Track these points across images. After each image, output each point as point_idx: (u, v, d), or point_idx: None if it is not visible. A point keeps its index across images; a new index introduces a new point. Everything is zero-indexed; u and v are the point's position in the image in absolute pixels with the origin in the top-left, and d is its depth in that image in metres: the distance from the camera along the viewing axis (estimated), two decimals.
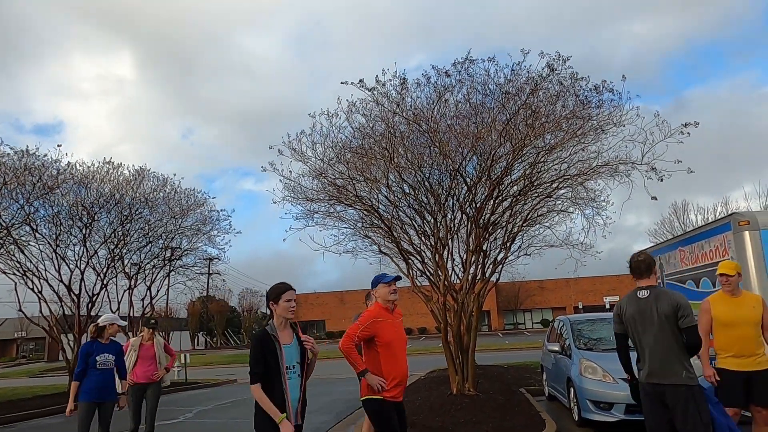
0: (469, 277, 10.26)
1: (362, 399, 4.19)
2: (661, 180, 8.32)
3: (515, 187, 10.13)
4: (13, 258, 14.55)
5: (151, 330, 6.94)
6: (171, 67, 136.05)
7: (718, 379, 4.68)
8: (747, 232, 8.23)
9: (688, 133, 8.16)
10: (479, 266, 10.17)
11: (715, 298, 4.97)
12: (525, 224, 11.11)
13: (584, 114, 8.80)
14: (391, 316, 4.18)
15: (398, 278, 4.26)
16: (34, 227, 14.52)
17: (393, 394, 4.04)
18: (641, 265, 4.03)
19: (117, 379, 5.92)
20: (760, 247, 8.14)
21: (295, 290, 3.43)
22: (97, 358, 5.55)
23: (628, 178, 8.97)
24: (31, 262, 14.98)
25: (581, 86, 8.42)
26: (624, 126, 8.44)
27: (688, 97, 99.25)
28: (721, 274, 4.81)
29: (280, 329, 3.34)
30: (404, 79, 8.60)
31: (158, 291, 18.43)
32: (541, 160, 9.21)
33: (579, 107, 8.85)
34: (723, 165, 64.84)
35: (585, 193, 10.72)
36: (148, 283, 17.72)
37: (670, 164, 8.41)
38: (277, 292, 3.37)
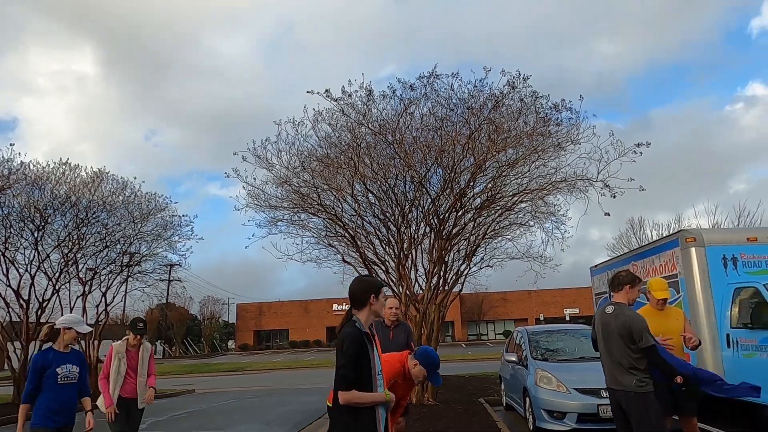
0: (432, 288, 10.39)
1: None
2: (614, 197, 8.69)
3: (478, 200, 10.36)
4: None
5: (138, 336, 5.62)
6: (136, 65, 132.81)
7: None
8: (693, 249, 8.68)
9: (640, 152, 8.56)
10: (441, 277, 10.30)
11: (645, 311, 5.27)
12: (487, 236, 11.35)
13: (544, 131, 9.11)
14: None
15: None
16: None
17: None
18: (613, 280, 4.56)
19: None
20: (705, 263, 8.59)
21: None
22: (58, 370, 4.33)
23: (585, 194, 9.32)
24: None
25: (542, 104, 8.73)
26: (580, 144, 8.79)
27: (651, 116, 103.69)
28: (663, 300, 5.15)
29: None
30: (370, 90, 8.72)
31: (114, 298, 17.80)
32: (503, 173, 9.46)
33: (539, 124, 9.16)
34: (683, 182, 67.98)
35: (545, 207, 11.07)
36: (103, 290, 17.09)
37: (624, 182, 8.79)
38: (378, 285, 2.94)
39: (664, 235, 30.58)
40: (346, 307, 3.00)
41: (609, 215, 8.97)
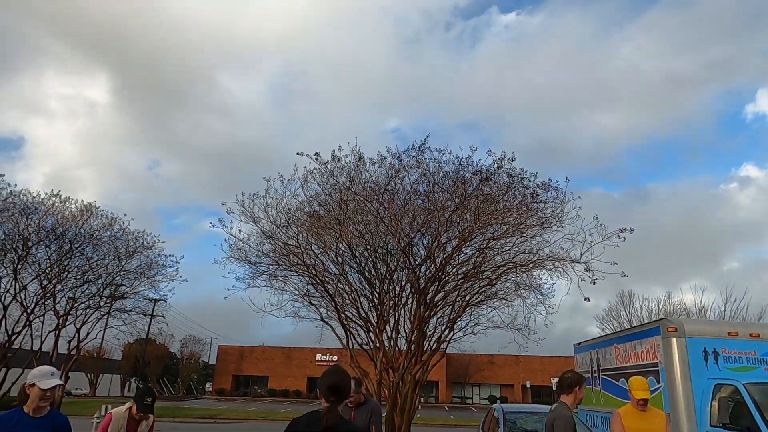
0: (410, 355, 10.16)
1: None
2: (594, 283, 8.66)
3: (462, 269, 10.31)
4: None
5: (141, 415, 4.80)
6: (147, 97, 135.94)
7: None
8: (674, 339, 8.57)
9: (623, 238, 8.60)
10: (419, 346, 10.10)
11: (625, 410, 5.18)
12: (471, 304, 11.22)
13: (530, 206, 9.20)
14: None
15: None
16: None
17: None
18: (560, 382, 4.63)
19: None
20: (685, 354, 8.46)
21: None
22: None
23: (567, 274, 9.30)
24: None
25: (529, 182, 8.86)
26: (563, 227, 8.86)
27: (648, 189, 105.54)
28: (643, 400, 5.04)
29: None
30: (360, 156, 8.86)
31: (88, 334, 17.33)
32: (488, 246, 9.46)
33: (528, 199, 9.26)
34: (676, 256, 68.30)
35: (529, 281, 11.00)
36: (78, 325, 16.68)
37: (607, 265, 8.78)
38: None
39: (653, 311, 30.41)
40: (330, 357, 2.83)
41: (588, 300, 8.92)
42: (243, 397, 56.39)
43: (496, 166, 8.38)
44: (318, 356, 56.64)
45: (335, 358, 55.18)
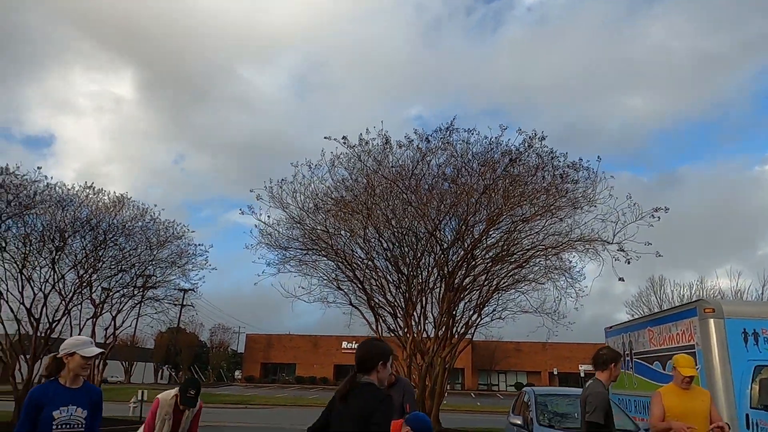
0: (439, 339, 10.16)
1: None
2: (628, 263, 8.47)
3: (491, 252, 10.23)
4: None
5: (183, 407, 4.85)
6: (171, 91, 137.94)
7: None
8: (712, 320, 8.35)
9: (658, 217, 8.39)
10: (448, 329, 10.09)
11: (667, 390, 5.03)
12: (499, 289, 11.15)
13: (561, 187, 9.04)
14: None
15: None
16: (3, 246, 14.16)
17: None
18: (595, 359, 4.59)
19: None
20: (723, 335, 8.23)
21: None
22: (56, 413, 3.18)
23: (600, 255, 9.13)
24: None
25: (559, 162, 8.70)
26: (596, 206, 8.68)
27: (679, 173, 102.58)
28: (689, 377, 4.91)
29: None
30: (387, 139, 8.83)
31: (123, 322, 17.84)
32: (517, 228, 9.35)
33: (556, 180, 9.10)
34: (709, 241, 66.41)
35: (559, 264, 10.86)
36: (113, 313, 17.17)
37: (641, 245, 8.59)
38: (389, 352, 2.84)
39: (685, 296, 29.70)
40: (356, 345, 2.84)
41: (623, 280, 8.75)
42: (271, 384, 57.49)
43: (526, 145, 8.24)
44: (344, 344, 57.28)
45: None
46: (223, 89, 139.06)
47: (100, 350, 3.29)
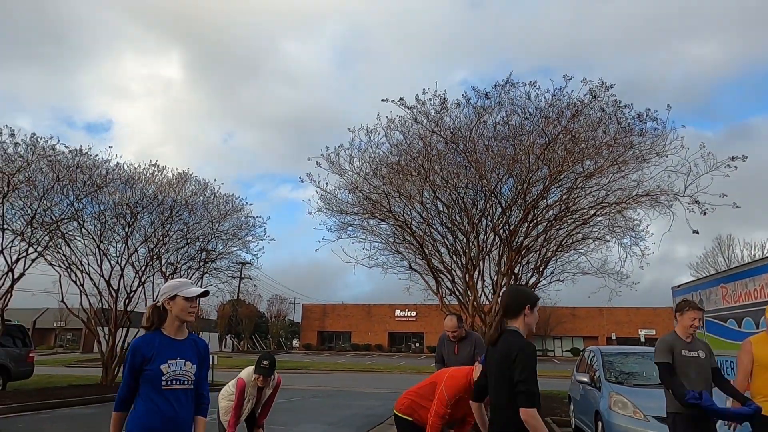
0: (499, 300, 10.16)
1: (395, 413, 4.24)
2: (704, 214, 8.08)
3: (551, 212, 10.02)
4: (60, 251, 15.23)
5: (261, 377, 4.91)
6: (217, 70, 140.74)
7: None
8: None
9: (735, 166, 7.92)
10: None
11: (758, 339, 4.80)
12: (559, 249, 10.95)
13: (626, 142, 8.66)
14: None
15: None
16: (81, 223, 15.19)
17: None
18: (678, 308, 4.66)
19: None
20: None
21: None
22: (164, 367, 2.73)
23: (670, 209, 8.74)
24: (75, 255, 15.65)
25: (624, 114, 8.30)
26: (667, 156, 8.26)
27: (749, 125, 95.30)
28: None
29: None
30: (444, 99, 8.69)
31: None
32: (579, 185, 9.08)
33: (621, 134, 8.72)
34: None
35: (624, 222, 10.51)
36: None
37: (715, 197, 8.16)
38: (535, 298, 2.84)
39: (757, 256, 28.05)
40: (409, 313, 2.89)
41: (698, 233, 8.35)
42: (328, 351, 59.57)
43: (591, 96, 7.90)
44: (397, 312, 58.24)
45: (414, 313, 56.49)
46: (267, 64, 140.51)
47: (202, 290, 2.86)
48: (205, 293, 2.89)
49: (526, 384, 2.49)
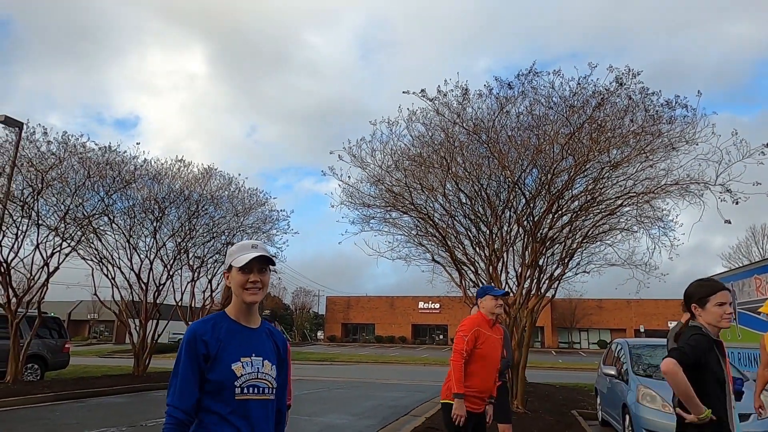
0: (523, 292, 10.07)
1: (442, 402, 4.31)
2: (737, 203, 7.82)
3: (576, 203, 9.86)
4: (92, 246, 15.71)
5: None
6: (240, 64, 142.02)
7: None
8: None
9: None
10: (534, 281, 9.95)
11: None
12: (585, 241, 10.78)
13: (654, 130, 8.44)
14: (490, 330, 4.19)
15: (507, 294, 4.31)
16: (112, 218, 15.62)
17: (473, 405, 4.13)
18: None
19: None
20: None
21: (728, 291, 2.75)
22: (235, 367, 1.82)
23: (700, 198, 8.49)
24: (107, 250, 16.13)
25: (652, 101, 8.08)
26: (697, 144, 8.02)
27: None
28: None
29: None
30: (466, 89, 8.61)
31: (218, 285, 19.24)
32: (605, 175, 8.91)
33: (649, 122, 8.49)
34: None
35: (651, 212, 10.27)
36: (209, 277, 18.57)
37: (749, 186, 7.89)
38: (719, 288, 2.77)
39: None
40: (432, 305, 2.94)
41: (730, 223, 8.09)
42: (352, 343, 60.04)
43: (618, 83, 7.71)
44: (420, 304, 58.32)
45: (437, 306, 56.46)
46: (290, 57, 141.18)
47: (257, 253, 1.97)
48: (264, 259, 1.97)
49: (682, 348, 2.61)
